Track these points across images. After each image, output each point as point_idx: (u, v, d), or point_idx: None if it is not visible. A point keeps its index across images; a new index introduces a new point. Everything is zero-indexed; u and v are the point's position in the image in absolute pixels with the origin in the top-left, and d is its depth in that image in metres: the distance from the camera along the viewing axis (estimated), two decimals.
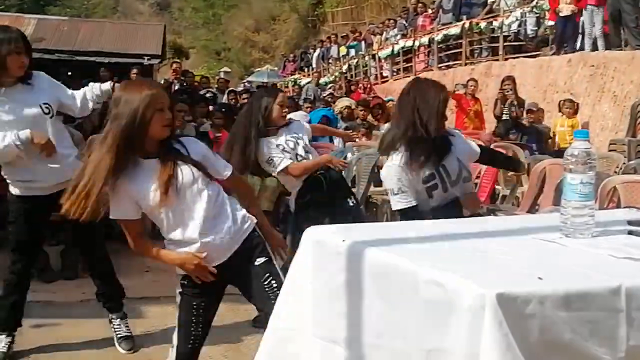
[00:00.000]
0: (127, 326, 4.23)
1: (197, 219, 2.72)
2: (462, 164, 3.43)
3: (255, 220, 2.91)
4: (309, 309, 2.01)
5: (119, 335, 4.18)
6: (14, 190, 3.78)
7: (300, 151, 4.52)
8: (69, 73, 12.89)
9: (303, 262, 2.01)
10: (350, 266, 1.85)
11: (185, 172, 2.70)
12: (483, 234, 1.96)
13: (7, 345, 3.89)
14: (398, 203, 3.30)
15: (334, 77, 20.61)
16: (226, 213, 2.82)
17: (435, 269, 1.56)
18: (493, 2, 14.51)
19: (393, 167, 3.30)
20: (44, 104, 3.71)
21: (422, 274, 1.58)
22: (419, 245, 1.82)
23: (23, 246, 3.87)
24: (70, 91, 3.98)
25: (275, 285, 2.78)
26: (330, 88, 15.91)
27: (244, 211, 2.90)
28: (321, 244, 1.94)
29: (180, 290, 2.91)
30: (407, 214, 3.29)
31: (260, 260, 2.86)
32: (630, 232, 2.03)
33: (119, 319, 4.22)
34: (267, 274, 2.83)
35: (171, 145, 2.72)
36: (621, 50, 10.26)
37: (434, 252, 1.76)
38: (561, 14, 11.47)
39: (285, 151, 4.45)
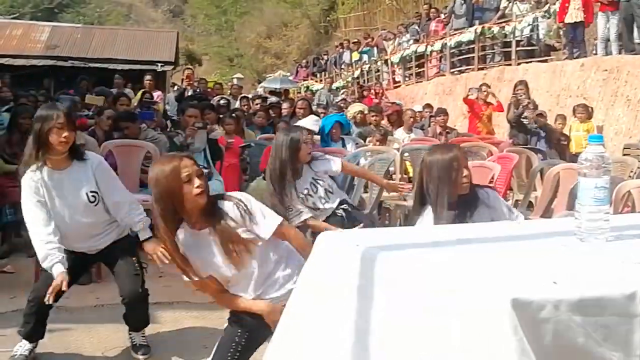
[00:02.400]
0: (143, 335, 4.24)
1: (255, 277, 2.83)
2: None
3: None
4: (319, 312, 2.01)
5: (134, 343, 4.19)
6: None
7: (321, 197, 4.59)
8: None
9: (315, 266, 2.01)
10: (362, 271, 1.85)
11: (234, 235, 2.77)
12: (497, 239, 1.96)
13: (29, 349, 3.92)
14: None
15: (346, 82, 20.63)
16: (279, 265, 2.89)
17: (450, 273, 1.56)
18: (505, 7, 14.48)
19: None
20: (92, 192, 3.75)
21: (436, 278, 1.58)
22: (432, 250, 1.81)
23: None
24: (117, 184, 3.96)
25: None
26: (342, 93, 15.92)
27: (297, 263, 2.85)
28: (334, 249, 1.94)
29: (230, 317, 2.97)
30: None
31: None
32: None
33: (135, 333, 4.23)
34: None
35: (214, 212, 2.75)
36: (634, 54, 10.21)
37: (448, 257, 1.75)
38: (569, 21, 11.44)
39: (308, 196, 4.52)
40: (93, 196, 3.75)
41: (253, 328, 2.88)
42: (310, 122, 8.87)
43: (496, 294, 1.42)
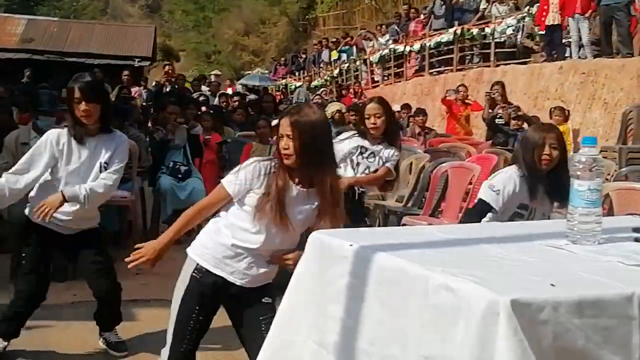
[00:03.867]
0: (116, 334, 4.19)
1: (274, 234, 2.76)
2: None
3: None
4: (307, 313, 2.00)
5: (109, 341, 4.15)
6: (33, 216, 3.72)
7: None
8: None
9: (307, 266, 1.99)
10: (354, 270, 1.83)
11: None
12: (490, 239, 1.95)
13: (2, 347, 3.86)
14: (486, 194, 3.48)
15: (325, 81, 20.63)
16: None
17: (447, 274, 1.55)
18: (485, 9, 14.56)
19: (514, 172, 3.51)
20: (105, 162, 3.73)
21: (434, 279, 1.56)
22: (428, 251, 1.80)
23: (36, 267, 3.88)
24: (115, 167, 3.87)
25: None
26: (322, 92, 15.91)
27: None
28: (327, 248, 1.92)
29: (189, 282, 2.83)
30: (479, 205, 3.49)
31: (267, 300, 2.88)
32: (636, 239, 2.02)
33: (107, 332, 4.19)
34: (268, 314, 2.78)
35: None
36: (612, 58, 10.32)
37: (444, 257, 1.73)
38: (548, 23, 11.55)
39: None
40: (105, 168, 3.74)
41: (217, 295, 2.84)
42: None
43: (496, 294, 1.41)
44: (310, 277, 1.96)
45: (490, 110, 10.55)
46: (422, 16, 17.13)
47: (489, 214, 3.42)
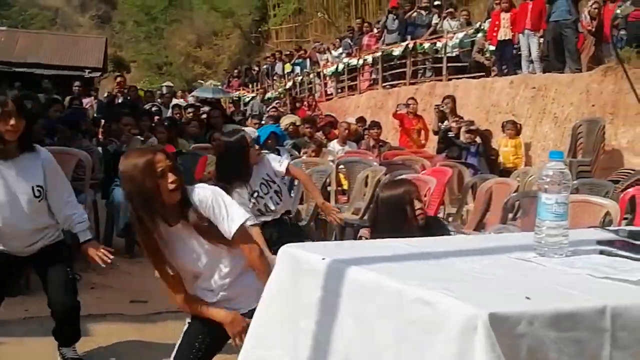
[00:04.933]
0: (74, 349, 4.09)
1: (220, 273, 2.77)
2: None
3: None
4: (279, 328, 1.97)
5: (66, 357, 4.04)
6: None
7: (273, 195, 4.55)
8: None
9: (278, 280, 1.97)
10: (326, 284, 1.81)
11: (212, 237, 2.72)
12: (459, 252, 1.95)
13: None
14: None
15: (278, 93, 20.64)
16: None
17: (423, 288, 1.54)
18: (437, 24, 14.76)
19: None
20: (38, 186, 3.58)
21: (409, 293, 1.55)
22: (401, 264, 1.79)
23: None
24: (65, 190, 3.82)
25: None
26: (276, 104, 15.91)
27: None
28: (298, 262, 1.90)
29: (190, 319, 2.88)
30: None
31: None
32: (601, 252, 2.05)
33: (65, 348, 4.08)
34: None
35: (186, 205, 2.66)
36: (562, 73, 10.57)
37: (417, 271, 1.73)
38: (500, 38, 11.79)
39: (260, 197, 4.47)
40: (38, 191, 3.59)
41: (214, 334, 2.82)
42: (249, 132, 8.80)
43: (475, 308, 1.40)
44: (282, 291, 1.94)
45: (440, 123, 10.71)
46: (375, 30, 17.28)
47: None
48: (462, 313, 1.41)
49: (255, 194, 4.46)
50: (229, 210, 2.71)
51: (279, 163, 4.73)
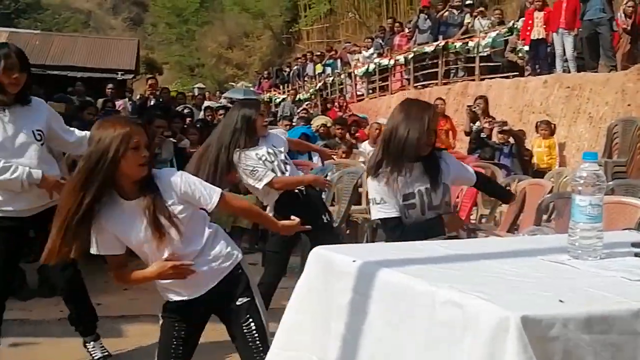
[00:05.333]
0: (101, 346, 4.14)
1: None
2: (448, 191, 3.39)
3: (240, 258, 2.86)
4: (309, 329, 1.98)
5: (95, 357, 4.08)
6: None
7: (280, 164, 4.48)
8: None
9: (308, 282, 1.97)
10: (357, 286, 1.82)
11: (166, 211, 2.62)
12: (493, 255, 1.94)
13: None
14: (378, 212, 3.28)
15: (309, 94, 20.66)
16: (208, 245, 2.78)
17: (454, 290, 1.53)
18: (469, 23, 14.65)
19: (376, 180, 3.28)
20: (37, 130, 3.65)
21: (440, 295, 1.55)
22: (432, 266, 1.79)
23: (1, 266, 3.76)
24: (67, 127, 3.94)
25: (254, 327, 2.78)
26: (307, 105, 15.93)
27: (229, 248, 2.84)
28: (329, 264, 1.91)
29: (162, 313, 2.87)
30: (387, 224, 3.28)
31: (242, 300, 2.82)
32: (636, 254, 2.02)
33: (92, 342, 4.12)
34: (248, 316, 2.80)
35: (150, 185, 2.61)
36: (596, 72, 10.42)
37: (449, 273, 1.72)
38: (533, 37, 11.67)
39: (268, 162, 4.40)
40: (39, 134, 3.66)
41: (189, 322, 2.83)
42: (278, 132, 8.84)
43: (506, 311, 1.40)
44: (313, 292, 1.95)
45: (471, 124, 10.62)
46: (406, 30, 17.21)
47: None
48: (493, 315, 1.41)
49: (264, 157, 4.43)
50: (204, 185, 2.74)
51: (280, 137, 4.75)
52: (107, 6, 51.93)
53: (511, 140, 9.58)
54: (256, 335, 2.77)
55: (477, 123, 10.54)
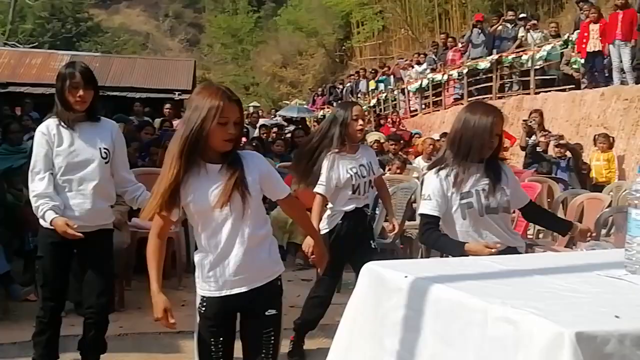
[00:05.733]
0: None
1: (231, 236, 2.68)
2: (505, 196, 3.36)
3: (283, 269, 2.86)
4: (363, 345, 1.98)
5: None
6: (44, 222, 3.67)
7: (363, 186, 4.43)
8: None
9: (361, 298, 1.98)
10: (410, 302, 1.82)
11: (243, 186, 2.64)
12: (547, 270, 1.92)
13: None
14: (423, 207, 3.30)
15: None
16: (263, 246, 2.77)
17: (507, 306, 1.52)
18: (522, 37, 14.49)
19: (435, 175, 3.32)
20: (104, 148, 3.72)
21: (493, 311, 1.54)
22: (485, 282, 1.78)
23: (52, 281, 3.82)
24: (127, 162, 3.97)
25: (272, 341, 2.75)
26: None
27: (278, 255, 2.85)
28: (381, 280, 1.91)
29: (198, 320, 2.82)
30: (422, 220, 3.31)
31: (271, 312, 2.78)
32: None
33: None
34: (271, 328, 2.77)
35: (234, 158, 2.66)
36: None
37: (502, 289, 1.71)
38: (589, 50, 11.47)
39: (359, 175, 4.38)
40: (105, 152, 3.72)
41: (221, 317, 2.78)
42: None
43: (560, 327, 1.38)
44: (366, 308, 1.95)
45: (527, 138, 10.47)
46: (459, 45, 17.10)
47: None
48: (547, 331, 1.39)
49: (354, 170, 4.40)
50: (280, 179, 2.80)
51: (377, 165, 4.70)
52: (164, 28, 53.20)
53: (568, 154, 9.41)
54: (271, 348, 2.75)
55: (533, 137, 10.38)
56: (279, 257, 2.86)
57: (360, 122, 4.39)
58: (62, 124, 3.65)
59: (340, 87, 25.28)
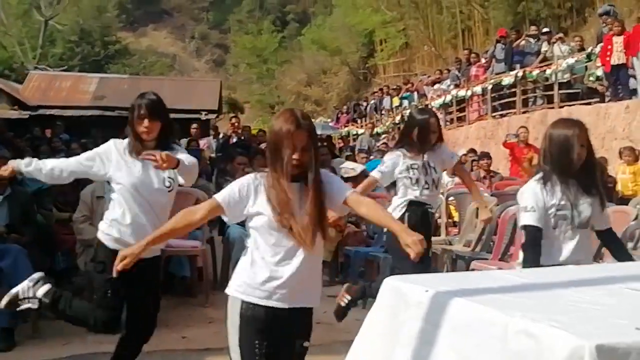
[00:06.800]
0: None
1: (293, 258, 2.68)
2: (594, 212, 3.40)
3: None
4: (376, 356, 1.99)
5: None
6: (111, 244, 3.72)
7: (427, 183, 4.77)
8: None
9: (381, 312, 2.00)
10: (429, 316, 1.83)
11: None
12: (569, 283, 1.92)
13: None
14: (527, 219, 3.34)
15: (387, 127, 20.69)
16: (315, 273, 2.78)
17: (527, 319, 1.53)
18: (546, 51, 14.44)
19: (533, 184, 3.39)
20: (168, 177, 3.77)
21: (513, 324, 1.55)
22: (505, 296, 1.79)
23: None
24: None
25: None
26: (384, 138, 15.96)
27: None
28: (402, 293, 1.93)
29: (240, 323, 2.73)
30: (530, 233, 3.32)
31: (307, 344, 2.78)
32: None
33: None
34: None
35: (313, 178, 2.70)
36: None
37: (522, 302, 1.72)
38: (613, 63, 11.39)
39: (413, 169, 4.74)
40: (169, 181, 3.76)
41: (269, 330, 2.72)
42: (354, 167, 8.97)
43: (581, 339, 1.39)
44: (385, 322, 1.97)
45: None
46: (483, 60, 17.08)
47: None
48: (567, 344, 1.40)
49: (423, 167, 4.76)
50: (340, 183, 2.84)
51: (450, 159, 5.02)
52: (190, 49, 53.81)
53: None
54: None
55: None
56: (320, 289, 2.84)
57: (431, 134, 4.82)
58: (129, 151, 3.72)
59: (365, 104, 25.33)
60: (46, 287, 3.74)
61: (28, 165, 3.74)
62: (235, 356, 2.77)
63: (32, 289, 3.73)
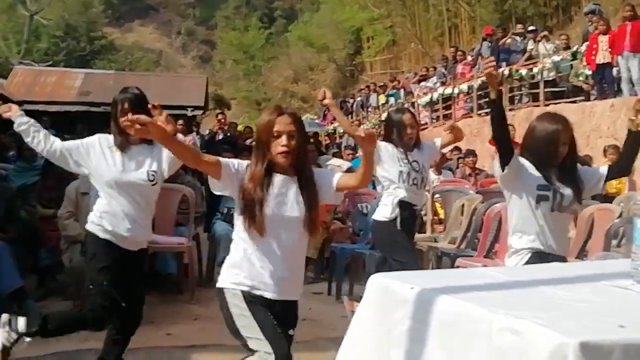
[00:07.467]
0: None
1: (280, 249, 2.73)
2: (577, 197, 3.46)
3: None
4: (369, 357, 1.99)
5: None
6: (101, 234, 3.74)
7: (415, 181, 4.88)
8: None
9: (368, 309, 2.00)
10: (416, 314, 1.84)
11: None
12: (553, 280, 1.93)
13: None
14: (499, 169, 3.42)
15: (373, 125, 20.71)
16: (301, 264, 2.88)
17: (511, 316, 1.54)
18: (532, 49, 14.51)
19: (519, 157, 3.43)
20: (152, 171, 3.77)
21: (497, 321, 1.56)
22: (490, 293, 1.79)
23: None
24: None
25: None
26: None
27: None
28: (387, 291, 1.93)
29: (246, 300, 2.77)
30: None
31: (292, 332, 2.87)
32: None
33: None
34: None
35: (301, 172, 2.74)
36: None
37: (507, 299, 1.73)
38: (598, 61, 11.46)
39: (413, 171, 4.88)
40: (152, 175, 3.76)
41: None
42: (340, 164, 8.97)
43: (564, 337, 1.39)
44: (372, 320, 1.97)
45: None
46: (469, 58, 17.13)
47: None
48: (551, 341, 1.41)
49: (407, 162, 4.89)
50: (329, 175, 2.87)
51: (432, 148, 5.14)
52: (177, 45, 53.55)
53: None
54: None
55: None
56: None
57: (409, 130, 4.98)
58: (114, 145, 3.73)
59: (351, 101, 25.35)
60: (21, 321, 3.65)
61: (24, 116, 3.76)
62: (251, 333, 2.75)
63: (12, 332, 3.61)
